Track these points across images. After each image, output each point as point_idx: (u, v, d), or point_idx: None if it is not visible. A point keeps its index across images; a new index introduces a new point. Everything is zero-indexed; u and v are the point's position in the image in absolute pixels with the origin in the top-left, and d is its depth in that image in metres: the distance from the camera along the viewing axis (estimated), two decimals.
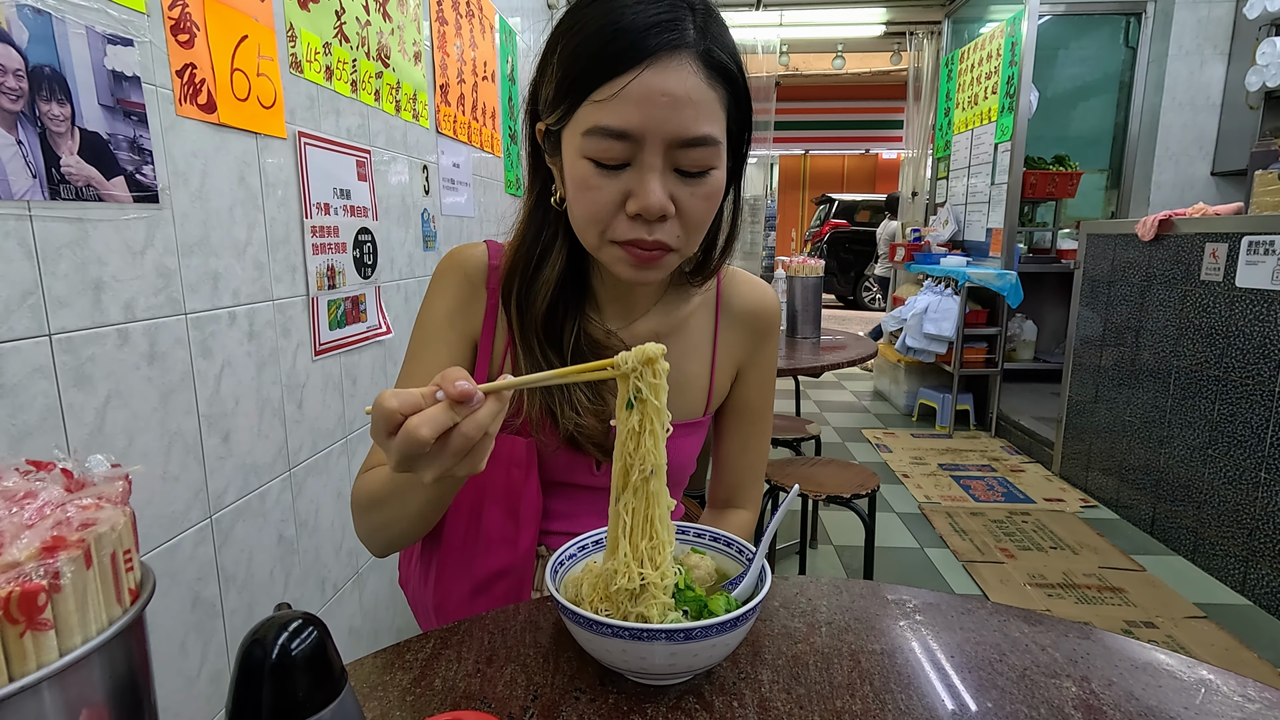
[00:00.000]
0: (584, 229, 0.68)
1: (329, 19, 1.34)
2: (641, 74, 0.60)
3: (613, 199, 0.64)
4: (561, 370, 0.53)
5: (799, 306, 2.65)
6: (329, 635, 0.37)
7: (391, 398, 0.47)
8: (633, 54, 0.60)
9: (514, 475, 0.78)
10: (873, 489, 1.86)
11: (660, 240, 0.65)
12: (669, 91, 0.60)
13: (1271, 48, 3.25)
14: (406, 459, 0.48)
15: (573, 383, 0.71)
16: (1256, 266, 2.25)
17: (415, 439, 0.46)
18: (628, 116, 0.60)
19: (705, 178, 0.65)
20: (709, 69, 0.62)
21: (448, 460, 0.49)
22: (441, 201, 1.94)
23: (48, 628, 0.27)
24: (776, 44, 5.62)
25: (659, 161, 0.62)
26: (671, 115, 0.61)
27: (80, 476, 0.33)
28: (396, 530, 0.70)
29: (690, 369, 0.83)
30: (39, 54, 0.75)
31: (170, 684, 0.97)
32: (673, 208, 0.64)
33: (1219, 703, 0.54)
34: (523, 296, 0.75)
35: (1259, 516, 2.24)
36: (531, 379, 0.52)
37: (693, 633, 0.50)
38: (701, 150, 0.63)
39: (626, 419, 0.55)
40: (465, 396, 0.48)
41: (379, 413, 0.48)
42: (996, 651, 0.61)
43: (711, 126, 0.63)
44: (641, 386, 0.54)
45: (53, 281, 0.78)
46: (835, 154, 14.33)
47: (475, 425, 0.49)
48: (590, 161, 0.63)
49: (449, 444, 0.48)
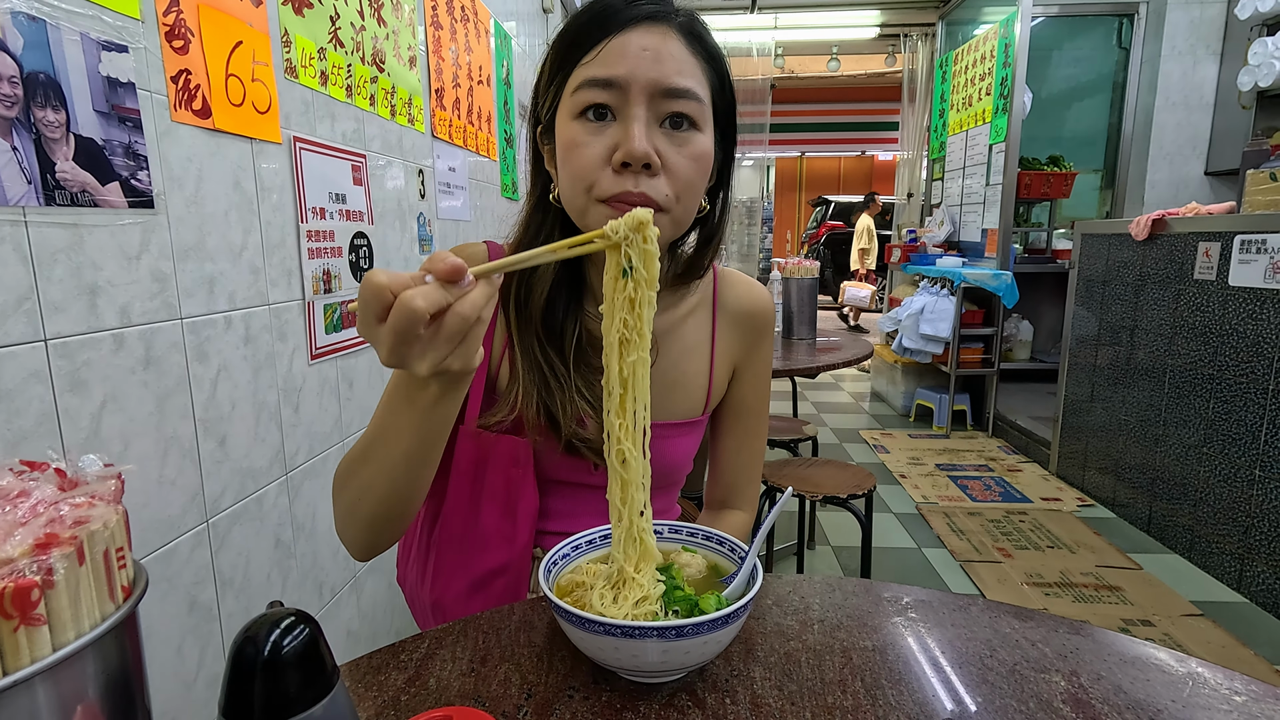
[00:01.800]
0: (572, 191, 0.68)
1: (323, 24, 1.34)
2: (625, 33, 0.65)
3: (600, 153, 0.65)
4: (552, 245, 0.51)
5: (795, 308, 2.66)
6: (321, 632, 0.37)
7: (381, 274, 0.45)
8: (616, 20, 0.66)
9: (511, 473, 0.78)
10: (869, 489, 1.87)
11: (646, 194, 0.65)
12: (650, 46, 0.65)
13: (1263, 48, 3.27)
14: (400, 341, 0.46)
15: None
16: (1249, 265, 2.26)
17: (410, 310, 0.44)
18: (611, 66, 0.65)
19: (691, 135, 0.67)
20: (689, 39, 0.68)
21: (442, 346, 0.47)
22: (437, 205, 1.95)
23: (41, 623, 0.28)
24: (771, 46, 5.64)
25: (643, 111, 0.65)
26: (654, 65, 0.65)
27: (73, 476, 0.33)
28: (378, 493, 0.62)
29: (689, 367, 0.84)
30: (34, 60, 0.75)
31: (167, 688, 0.97)
32: (658, 159, 0.65)
33: (1207, 696, 0.55)
34: (520, 295, 0.76)
35: (1254, 514, 2.24)
36: (521, 258, 0.50)
37: (684, 630, 0.51)
38: (684, 102, 0.66)
39: (621, 288, 0.55)
40: (456, 273, 0.46)
41: (368, 290, 0.45)
42: (987, 647, 0.61)
43: (693, 83, 0.67)
44: (633, 254, 0.54)
45: (48, 287, 0.78)
46: (831, 156, 14.37)
47: (470, 304, 0.47)
48: (579, 121, 0.66)
49: (443, 326, 0.46)
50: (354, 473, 0.64)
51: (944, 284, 4.20)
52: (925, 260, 4.64)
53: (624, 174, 0.65)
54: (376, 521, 0.65)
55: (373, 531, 0.66)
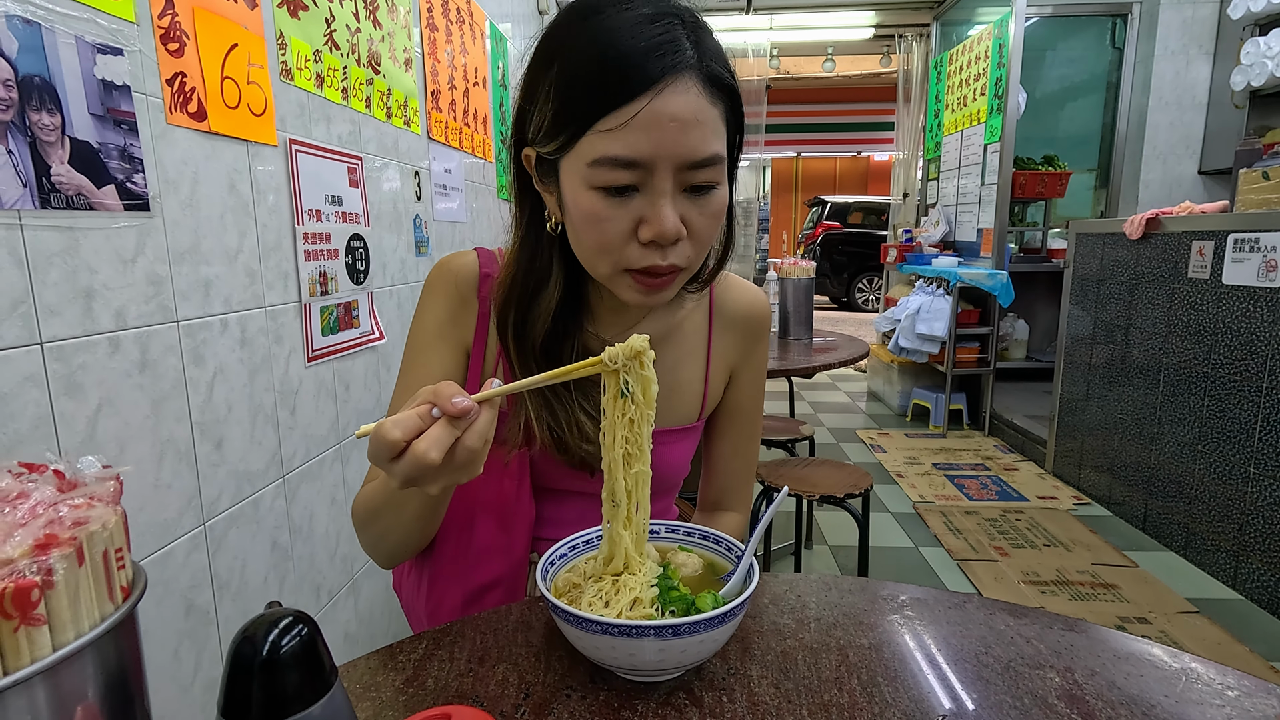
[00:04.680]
0: (594, 260, 0.67)
1: (319, 27, 1.35)
2: (650, 102, 0.59)
3: (624, 228, 0.63)
4: (551, 373, 0.54)
5: (791, 308, 2.67)
6: (319, 632, 0.37)
7: (394, 428, 0.49)
8: (638, 82, 0.59)
9: (506, 486, 0.78)
10: (866, 489, 1.87)
11: (673, 264, 0.65)
12: (677, 117, 0.59)
13: (1255, 47, 3.29)
14: (411, 480, 0.50)
15: (564, 382, 0.69)
16: (1242, 264, 2.27)
17: (424, 462, 0.48)
18: (637, 145, 0.59)
19: (712, 194, 0.65)
20: (710, 85, 0.62)
21: (453, 473, 0.51)
22: (434, 207, 1.95)
23: (41, 623, 0.28)
24: (767, 47, 5.65)
25: (669, 186, 0.61)
26: (681, 139, 0.60)
27: (72, 477, 0.33)
28: (395, 539, 0.72)
29: (685, 374, 0.83)
30: (28, 64, 0.75)
31: (164, 692, 0.97)
32: (684, 231, 0.64)
33: (1200, 691, 0.55)
34: (519, 328, 0.74)
35: (1248, 511, 2.25)
36: (522, 384, 0.53)
37: (680, 629, 0.51)
38: (709, 170, 0.63)
39: (621, 408, 0.56)
40: (464, 413, 0.50)
41: (382, 444, 0.49)
42: (982, 644, 0.62)
43: (718, 144, 0.63)
44: (630, 380, 0.55)
45: (44, 290, 0.78)
46: (827, 156, 14.41)
47: (477, 436, 0.51)
48: (598, 192, 0.62)
49: (454, 458, 0.50)
50: (370, 521, 0.71)
51: (940, 284, 4.21)
52: (921, 260, 4.65)
53: (650, 247, 0.64)
54: (399, 550, 0.75)
55: (395, 557, 0.76)
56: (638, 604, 0.56)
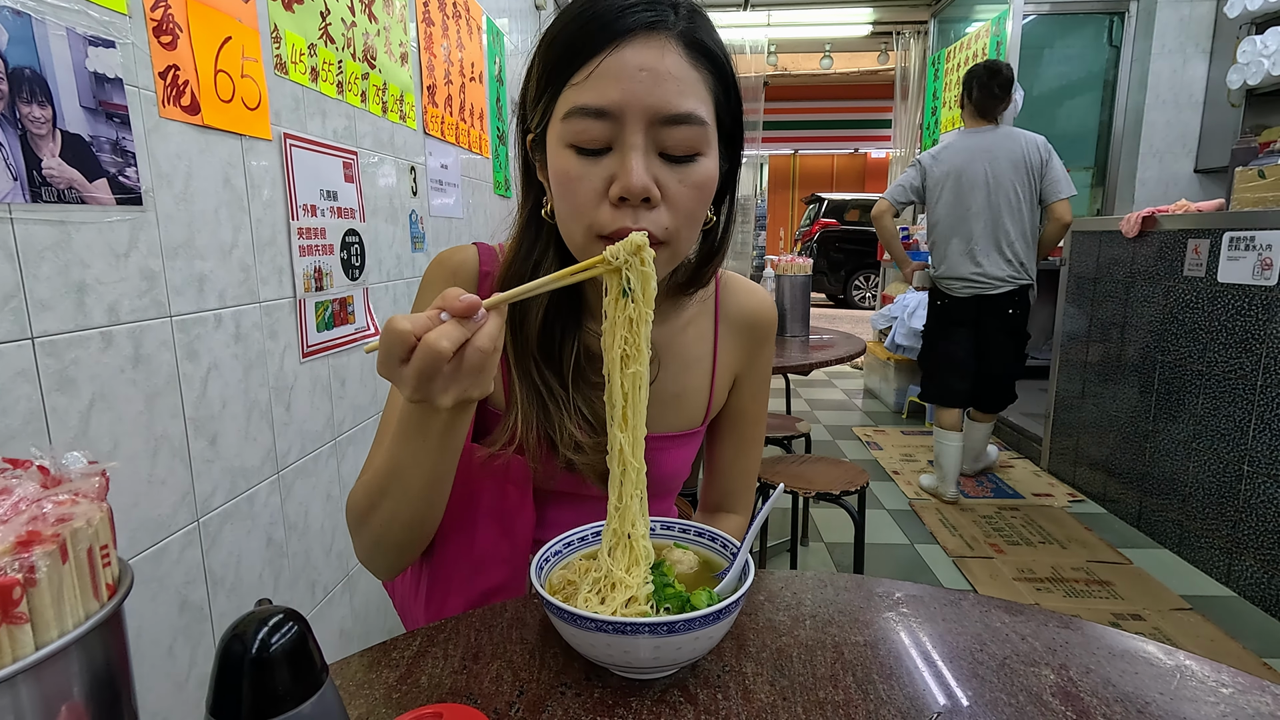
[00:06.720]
0: (569, 226, 0.65)
1: (314, 20, 1.34)
2: (617, 49, 0.58)
3: (596, 187, 0.61)
4: (555, 275, 0.54)
5: (788, 305, 2.67)
6: (310, 630, 0.37)
7: (403, 320, 0.49)
8: (607, 33, 0.59)
9: (508, 492, 0.76)
10: (862, 486, 1.87)
11: (645, 229, 0.60)
12: (646, 65, 0.58)
13: (1252, 46, 3.29)
14: (424, 380, 0.50)
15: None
16: (1237, 262, 2.27)
17: (436, 351, 0.48)
18: (605, 92, 0.59)
19: (693, 163, 0.62)
20: (690, 49, 0.61)
21: (464, 379, 0.51)
22: (430, 203, 1.94)
23: (24, 621, 0.28)
24: (764, 44, 5.65)
25: (640, 140, 0.60)
26: (652, 89, 0.58)
27: (56, 473, 0.33)
28: (399, 527, 0.66)
29: (690, 381, 0.81)
30: (19, 56, 0.75)
31: (158, 688, 0.97)
32: (658, 192, 0.61)
33: (1194, 688, 0.55)
34: (515, 320, 0.73)
35: (1242, 509, 2.26)
36: (527, 288, 0.53)
37: (675, 626, 0.51)
38: (686, 129, 0.60)
39: (622, 308, 0.56)
40: (471, 309, 0.50)
41: (392, 336, 0.49)
42: (977, 641, 0.62)
43: (695, 104, 0.60)
44: (632, 276, 0.55)
45: (35, 284, 0.77)
46: (824, 153, 14.41)
47: (487, 337, 0.50)
48: (571, 150, 0.61)
49: (464, 360, 0.50)
50: (374, 506, 0.66)
51: None
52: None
53: (622, 208, 0.61)
54: (405, 546, 0.69)
55: (402, 556, 0.71)
56: (633, 601, 0.56)
